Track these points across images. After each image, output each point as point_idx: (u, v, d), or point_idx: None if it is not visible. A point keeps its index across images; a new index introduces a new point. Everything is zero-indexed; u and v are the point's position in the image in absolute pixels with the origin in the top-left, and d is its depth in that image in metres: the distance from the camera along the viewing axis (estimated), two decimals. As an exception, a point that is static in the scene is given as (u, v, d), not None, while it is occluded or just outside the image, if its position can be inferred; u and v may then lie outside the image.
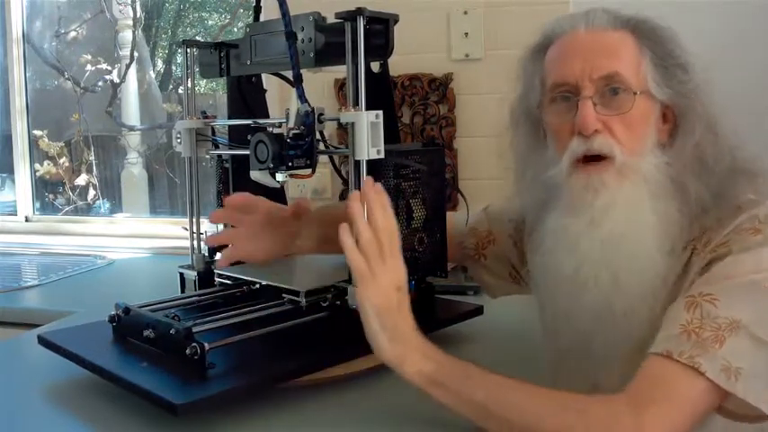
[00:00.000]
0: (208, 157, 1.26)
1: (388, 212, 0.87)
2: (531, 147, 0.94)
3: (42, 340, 1.07)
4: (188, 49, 1.23)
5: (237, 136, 1.19)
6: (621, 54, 0.85)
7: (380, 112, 0.95)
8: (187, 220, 1.25)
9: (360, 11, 0.95)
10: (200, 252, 1.24)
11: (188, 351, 0.89)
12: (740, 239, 0.79)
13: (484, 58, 1.70)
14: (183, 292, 1.22)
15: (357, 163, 0.96)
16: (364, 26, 0.95)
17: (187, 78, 1.24)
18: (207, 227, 1.26)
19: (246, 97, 1.25)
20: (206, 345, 0.89)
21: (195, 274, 1.21)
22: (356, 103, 0.95)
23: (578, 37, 0.87)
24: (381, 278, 0.84)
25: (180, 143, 1.22)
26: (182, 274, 1.23)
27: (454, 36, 1.71)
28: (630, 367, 0.84)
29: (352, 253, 0.84)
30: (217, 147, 1.23)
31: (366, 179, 0.90)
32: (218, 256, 1.26)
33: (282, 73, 1.17)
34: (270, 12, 1.26)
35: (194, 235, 1.24)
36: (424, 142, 1.22)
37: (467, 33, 1.70)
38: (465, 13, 1.69)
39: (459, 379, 0.81)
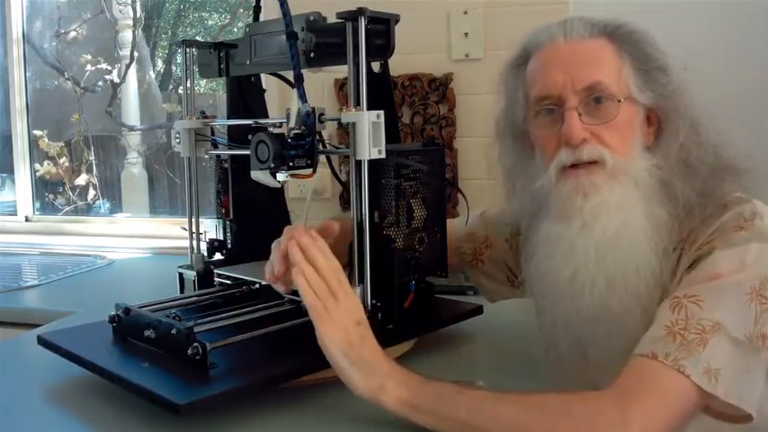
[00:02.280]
0: (207, 157, 1.26)
1: (327, 254, 0.88)
2: (518, 159, 0.95)
3: (42, 340, 1.07)
4: (188, 49, 1.23)
5: (237, 136, 1.19)
6: (602, 62, 0.85)
7: (382, 112, 0.95)
8: (187, 220, 1.25)
9: (361, 11, 0.95)
10: (199, 252, 1.24)
11: (190, 351, 0.89)
12: (725, 237, 0.79)
13: (484, 58, 1.69)
14: (182, 292, 1.22)
15: (358, 163, 0.96)
16: (365, 26, 0.95)
17: (187, 78, 1.24)
18: (206, 227, 1.25)
19: (246, 97, 1.24)
20: (207, 345, 0.89)
21: (194, 274, 1.21)
22: (357, 103, 0.95)
23: (558, 48, 0.87)
24: (337, 316, 0.85)
25: (179, 143, 1.22)
26: (181, 275, 1.23)
27: (454, 36, 1.71)
28: None
29: (306, 292, 0.85)
30: (216, 147, 1.23)
31: (294, 228, 0.90)
32: (217, 255, 1.25)
33: (282, 73, 1.17)
34: (270, 12, 1.26)
35: (194, 235, 1.24)
36: (424, 142, 1.22)
37: (467, 33, 1.70)
38: (465, 13, 1.69)
39: (437, 399, 0.80)
